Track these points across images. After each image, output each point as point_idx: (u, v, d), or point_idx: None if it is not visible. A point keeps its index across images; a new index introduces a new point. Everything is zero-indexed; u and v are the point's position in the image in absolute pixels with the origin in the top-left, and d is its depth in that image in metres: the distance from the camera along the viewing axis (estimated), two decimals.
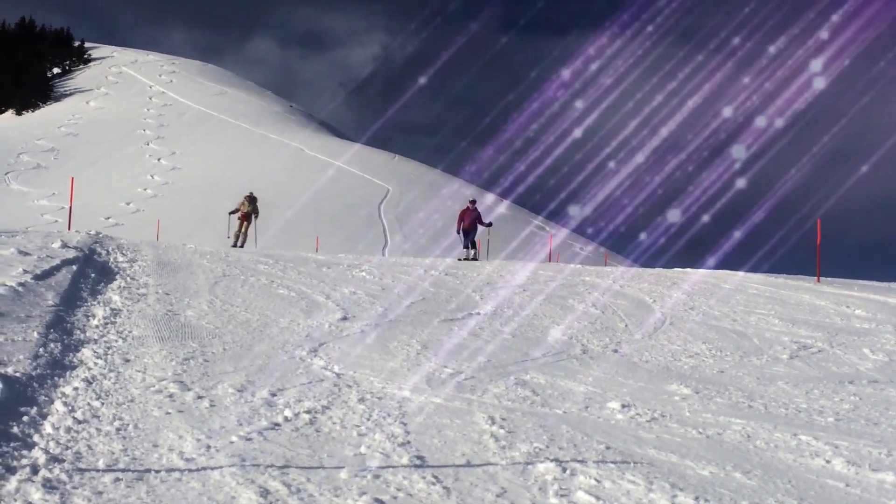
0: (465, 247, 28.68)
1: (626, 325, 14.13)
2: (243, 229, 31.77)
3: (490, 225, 30.19)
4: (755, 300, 17.27)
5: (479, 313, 14.49)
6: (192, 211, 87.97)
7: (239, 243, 30.93)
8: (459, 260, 26.52)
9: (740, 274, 21.15)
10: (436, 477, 5.97)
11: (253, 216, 32.05)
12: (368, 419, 7.54)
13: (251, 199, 32.28)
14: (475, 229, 28.66)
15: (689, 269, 23.49)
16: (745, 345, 12.86)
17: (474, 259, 27.31)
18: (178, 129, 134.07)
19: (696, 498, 5.81)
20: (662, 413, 8.55)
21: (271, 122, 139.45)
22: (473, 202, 29.11)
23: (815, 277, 21.25)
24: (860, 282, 21.74)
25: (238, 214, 32.36)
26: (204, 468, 5.82)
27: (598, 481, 6.07)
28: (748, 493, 6.10)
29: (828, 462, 7.05)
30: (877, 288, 19.75)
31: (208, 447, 6.33)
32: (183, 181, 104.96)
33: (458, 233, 29.13)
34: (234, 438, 6.60)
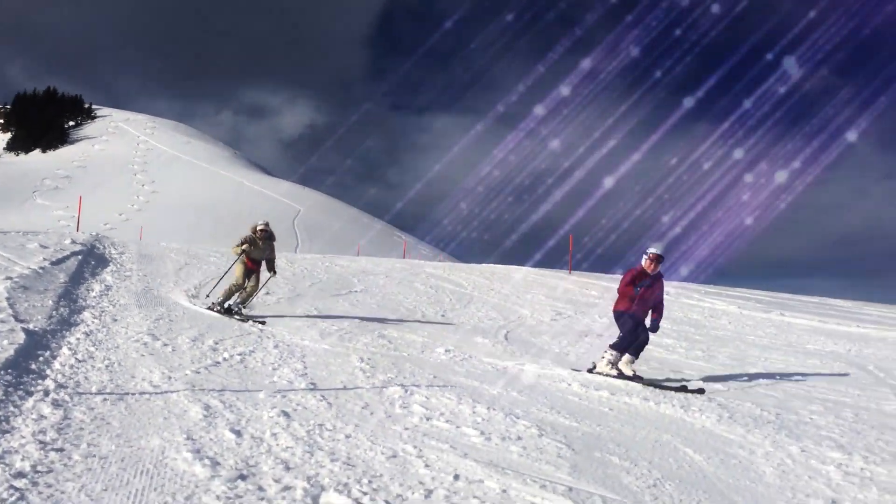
0: (626, 347, 7.88)
1: (451, 300, 14.32)
2: (248, 284, 10.72)
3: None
4: (532, 284, 17.75)
5: (356, 291, 14.42)
6: (165, 221, 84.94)
7: (234, 302, 10.53)
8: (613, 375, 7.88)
9: (522, 267, 21.65)
10: (323, 396, 5.95)
11: (266, 267, 11.06)
12: (280, 359, 7.43)
13: (266, 236, 11.01)
14: (660, 313, 8.10)
15: (493, 265, 23.91)
16: (524, 312, 13.21)
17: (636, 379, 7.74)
18: (157, 166, 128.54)
19: (488, 408, 5.96)
20: (471, 355, 8.72)
21: (222, 164, 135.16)
22: (659, 259, 7.94)
23: (568, 271, 21.95)
24: (595, 274, 22.57)
25: (243, 257, 10.83)
26: (166, 391, 5.63)
27: (427, 398, 6.16)
28: (520, 403, 6.30)
29: (569, 385, 7.35)
30: (603, 277, 20.55)
31: (169, 378, 6.12)
32: (159, 201, 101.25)
33: (629, 316, 7.91)
34: (187, 372, 6.40)
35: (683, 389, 7.29)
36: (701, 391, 7.24)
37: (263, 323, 9.74)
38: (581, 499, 3.96)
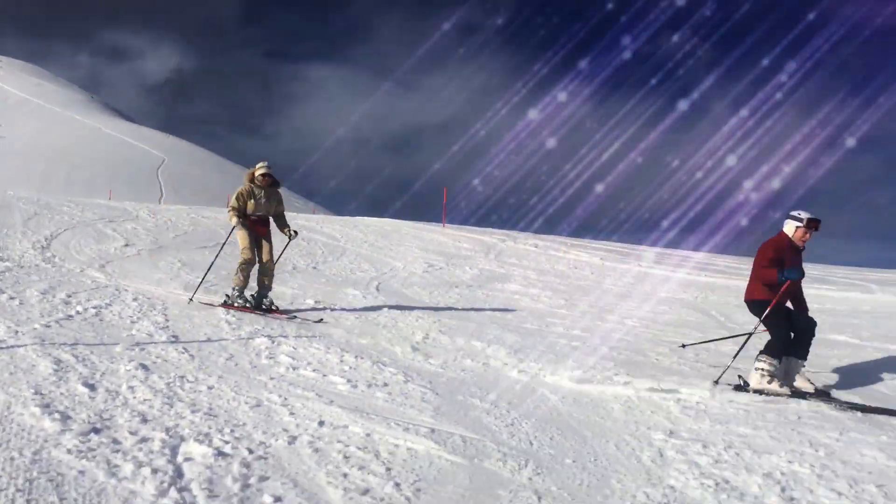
0: (784, 349, 5.81)
1: (323, 252, 14.20)
2: (264, 256, 8.21)
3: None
4: (405, 237, 17.87)
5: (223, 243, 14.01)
6: (13, 169, 78.53)
7: (261, 294, 8.09)
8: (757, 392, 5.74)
9: (396, 220, 21.67)
10: (185, 349, 5.82)
11: (277, 226, 8.52)
12: (139, 312, 7.17)
13: (271, 182, 8.31)
14: (803, 304, 6.13)
15: (367, 218, 23.80)
16: (397, 265, 13.32)
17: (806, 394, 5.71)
18: (3, 110, 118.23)
19: (356, 357, 6.05)
20: (341, 307, 8.76)
21: (77, 108, 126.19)
22: (818, 225, 5.87)
23: (442, 224, 22.23)
24: (468, 227, 22.97)
25: (243, 221, 8.21)
26: (12, 346, 5.32)
27: (294, 348, 6.17)
28: (388, 352, 6.43)
29: (429, 330, 7.55)
30: (477, 230, 20.97)
31: (16, 332, 5.78)
32: (7, 148, 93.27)
33: (775, 307, 5.77)
34: (36, 326, 6.07)
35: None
36: None
37: (321, 320, 7.55)
38: (442, 439, 4.15)
